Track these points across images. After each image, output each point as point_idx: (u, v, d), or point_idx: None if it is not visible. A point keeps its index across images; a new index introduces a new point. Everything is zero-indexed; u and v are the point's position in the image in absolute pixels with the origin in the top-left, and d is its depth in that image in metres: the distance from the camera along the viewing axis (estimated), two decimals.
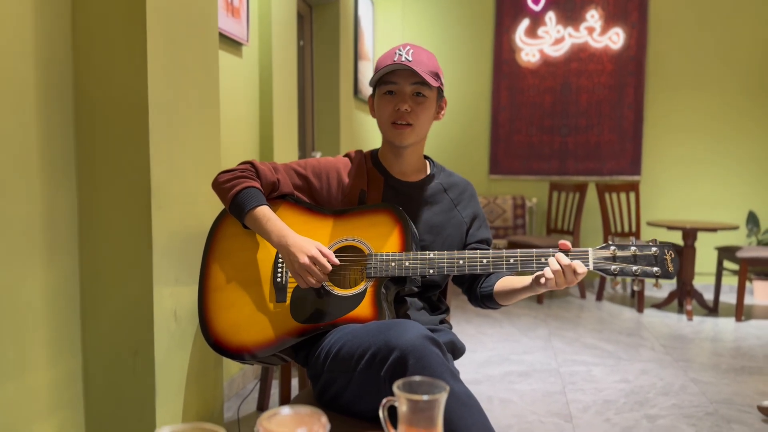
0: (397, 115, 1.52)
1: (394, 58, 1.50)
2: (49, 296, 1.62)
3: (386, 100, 1.54)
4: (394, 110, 1.52)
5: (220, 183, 1.56)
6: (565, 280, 1.35)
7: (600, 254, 1.39)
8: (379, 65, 1.53)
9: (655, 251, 1.38)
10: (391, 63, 1.49)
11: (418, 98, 1.52)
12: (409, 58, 1.49)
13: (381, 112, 1.55)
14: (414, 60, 1.49)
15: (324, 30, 4.31)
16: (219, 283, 1.56)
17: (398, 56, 1.49)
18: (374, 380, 1.24)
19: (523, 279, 1.49)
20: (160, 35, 1.74)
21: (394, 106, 1.52)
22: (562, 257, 1.36)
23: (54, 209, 1.63)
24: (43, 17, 1.58)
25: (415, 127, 1.53)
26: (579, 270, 1.35)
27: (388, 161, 1.64)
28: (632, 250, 1.39)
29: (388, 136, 1.56)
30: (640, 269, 1.38)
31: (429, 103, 1.54)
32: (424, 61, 1.50)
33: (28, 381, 1.55)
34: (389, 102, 1.53)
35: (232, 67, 2.73)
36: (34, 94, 1.55)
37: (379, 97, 1.55)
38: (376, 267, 1.45)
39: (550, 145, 5.52)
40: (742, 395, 2.86)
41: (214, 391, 2.14)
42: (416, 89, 1.51)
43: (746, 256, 4.20)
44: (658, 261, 1.38)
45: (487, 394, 2.84)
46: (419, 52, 1.52)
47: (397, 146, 1.57)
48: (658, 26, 5.33)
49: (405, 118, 1.52)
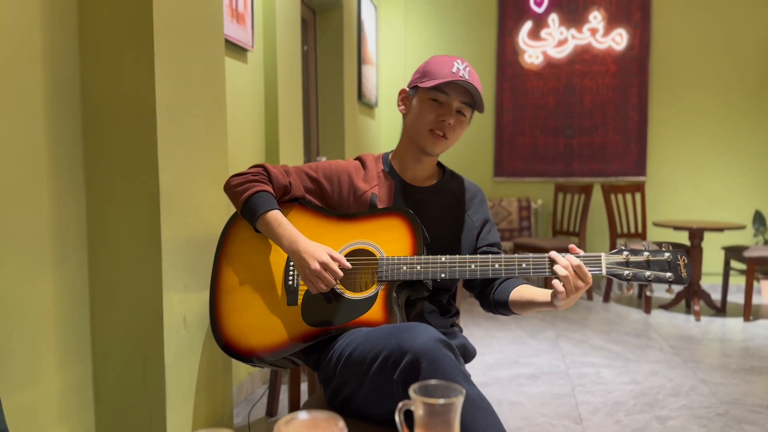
0: (439, 125, 1.53)
1: (452, 69, 1.50)
2: (59, 303, 1.62)
3: (431, 106, 1.53)
4: (437, 119, 1.53)
5: (232, 186, 1.56)
6: (573, 286, 1.32)
7: (613, 259, 1.39)
8: (433, 69, 1.53)
9: (668, 257, 1.37)
10: (450, 75, 1.50)
11: (459, 116, 1.54)
12: (467, 76, 1.50)
13: (422, 116, 1.55)
14: (470, 79, 1.51)
15: (327, 35, 4.32)
16: (230, 286, 1.56)
17: (457, 69, 1.51)
18: (387, 384, 1.24)
19: (543, 293, 1.46)
20: (167, 42, 1.75)
21: (439, 116, 1.52)
22: (572, 258, 1.35)
23: (63, 216, 1.63)
24: (49, 25, 1.58)
25: (449, 141, 1.55)
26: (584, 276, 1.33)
27: (402, 165, 1.64)
28: (645, 255, 1.38)
29: (421, 140, 1.56)
30: (653, 275, 1.36)
31: (465, 123, 1.57)
32: (477, 84, 1.53)
33: (39, 388, 1.55)
34: (434, 109, 1.53)
35: (237, 73, 2.74)
36: (42, 101, 1.55)
37: (425, 100, 1.54)
38: (387, 271, 1.45)
39: (554, 146, 5.52)
40: (753, 395, 2.85)
41: (224, 396, 2.14)
42: (462, 108, 1.54)
43: (753, 255, 4.19)
44: (671, 266, 1.37)
45: (497, 397, 2.83)
46: (473, 73, 1.54)
47: (425, 153, 1.58)
48: (661, 27, 5.32)
49: (444, 129, 1.53)
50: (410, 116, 1.58)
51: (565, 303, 1.35)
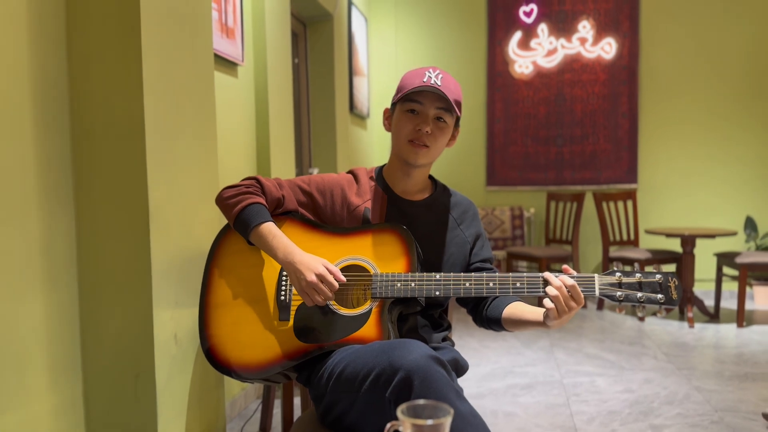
0: (416, 135, 1.52)
1: (423, 78, 1.50)
2: (49, 322, 1.61)
3: (408, 117, 1.54)
4: (414, 129, 1.52)
5: (225, 199, 1.55)
6: (565, 306, 1.33)
7: (606, 280, 1.39)
8: (406, 83, 1.54)
9: (660, 278, 1.39)
10: (421, 83, 1.50)
11: (439, 123, 1.54)
12: (438, 83, 1.50)
13: (400, 129, 1.55)
14: (443, 85, 1.50)
15: (318, 47, 4.33)
16: (221, 300, 1.54)
17: (428, 78, 1.50)
18: (379, 401, 1.23)
19: (536, 312, 1.45)
20: (156, 57, 1.75)
21: (415, 126, 1.52)
22: (566, 278, 1.35)
23: (52, 234, 1.62)
24: (37, 41, 1.58)
25: (431, 150, 1.54)
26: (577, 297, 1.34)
27: (393, 179, 1.63)
28: (637, 277, 1.39)
29: (403, 152, 1.56)
30: (645, 296, 1.38)
31: (447, 130, 1.56)
32: (451, 89, 1.52)
33: (30, 409, 1.53)
34: (410, 120, 1.53)
35: (227, 87, 2.74)
36: (31, 119, 1.55)
37: (401, 113, 1.55)
38: (381, 287, 1.44)
39: (546, 155, 5.54)
40: (747, 402, 2.85)
41: (217, 412, 2.13)
42: (439, 114, 1.53)
43: (745, 261, 4.20)
44: (662, 288, 1.38)
45: (491, 408, 2.83)
46: (447, 78, 1.53)
47: (409, 164, 1.57)
48: (650, 35, 5.37)
49: (423, 139, 1.52)
50: (392, 132, 1.59)
51: (558, 323, 1.35)
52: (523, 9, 5.47)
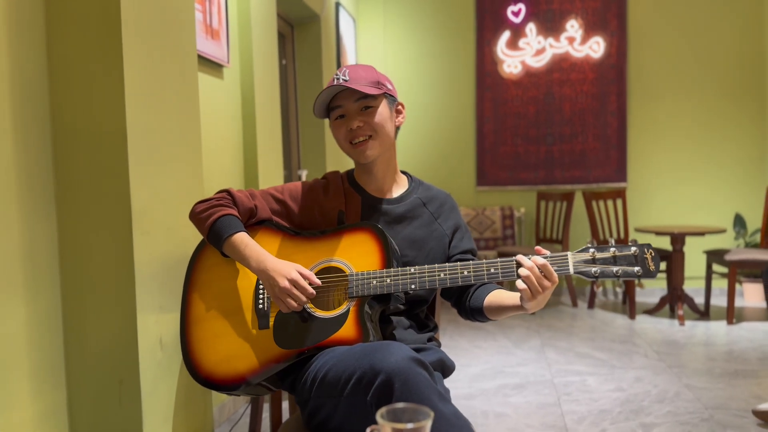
0: (351, 135, 1.53)
1: (333, 83, 1.51)
2: (31, 328, 1.59)
3: (339, 124, 1.55)
4: (347, 131, 1.53)
5: (197, 213, 1.55)
6: (543, 283, 1.32)
7: (579, 257, 1.38)
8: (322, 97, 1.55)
9: (635, 251, 1.36)
10: (329, 88, 1.51)
11: (367, 111, 1.53)
12: (345, 78, 1.51)
13: (338, 137, 1.57)
14: (351, 79, 1.50)
15: (306, 48, 4.32)
16: (200, 315, 1.53)
17: (335, 80, 1.52)
18: (361, 405, 1.22)
19: (513, 296, 1.46)
20: (137, 58, 1.73)
21: (346, 128, 1.53)
22: (537, 258, 1.34)
23: (34, 240, 1.60)
24: (17, 43, 1.56)
25: (376, 138, 1.53)
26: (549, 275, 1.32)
27: (363, 180, 1.63)
28: (611, 251, 1.37)
29: (353, 156, 1.57)
30: (621, 270, 1.36)
31: (378, 111, 1.54)
32: (362, 76, 1.52)
33: (12, 416, 1.51)
34: (342, 125, 1.55)
35: (213, 89, 2.72)
36: (11, 122, 1.53)
37: (333, 124, 1.57)
38: (357, 286, 1.43)
39: (535, 154, 5.55)
40: (737, 400, 2.85)
41: (204, 417, 2.11)
42: (362, 104, 1.53)
43: (735, 258, 4.22)
44: (638, 260, 1.36)
45: (482, 409, 2.82)
46: (356, 69, 1.54)
47: (364, 163, 1.57)
48: (638, 34, 5.38)
49: (359, 134, 1.52)
50: (338, 144, 1.60)
51: (534, 304, 1.35)
52: (511, 9, 5.48)
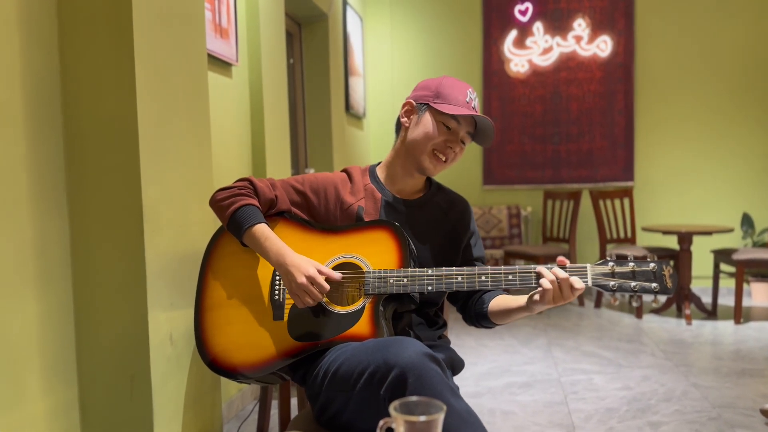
0: (442, 148, 1.54)
1: (466, 99, 1.53)
2: (43, 325, 1.60)
3: (441, 129, 1.54)
4: (444, 143, 1.54)
5: (218, 201, 1.55)
6: (561, 295, 1.34)
7: (598, 270, 1.39)
8: (448, 95, 1.53)
9: (654, 267, 1.37)
10: (465, 105, 1.52)
11: (462, 145, 1.57)
12: (477, 109, 1.54)
13: (430, 136, 1.54)
14: (478, 109, 1.55)
15: (313, 47, 4.33)
16: (216, 301, 1.54)
17: (470, 100, 1.54)
18: (374, 399, 1.23)
19: (518, 299, 1.47)
20: (148, 57, 1.74)
21: (446, 141, 1.54)
22: (559, 271, 1.35)
23: (45, 237, 1.62)
24: (29, 43, 1.58)
25: (447, 165, 1.57)
26: (576, 285, 1.34)
27: (390, 178, 1.63)
28: (630, 266, 1.38)
29: (422, 158, 1.56)
30: (639, 285, 1.37)
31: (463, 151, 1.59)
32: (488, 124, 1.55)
33: (24, 412, 1.53)
34: (443, 133, 1.54)
35: (222, 88, 2.73)
36: (23, 120, 1.54)
37: (435, 122, 1.54)
38: (374, 284, 1.44)
39: (542, 153, 5.54)
40: (745, 399, 2.85)
41: (213, 413, 2.12)
42: (465, 137, 1.56)
43: (742, 258, 4.21)
44: (656, 277, 1.37)
45: (489, 407, 2.82)
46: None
47: (422, 171, 1.58)
48: (645, 33, 5.37)
49: (447, 154, 1.55)
50: (415, 132, 1.56)
51: (545, 308, 1.38)
52: (518, 8, 5.47)
